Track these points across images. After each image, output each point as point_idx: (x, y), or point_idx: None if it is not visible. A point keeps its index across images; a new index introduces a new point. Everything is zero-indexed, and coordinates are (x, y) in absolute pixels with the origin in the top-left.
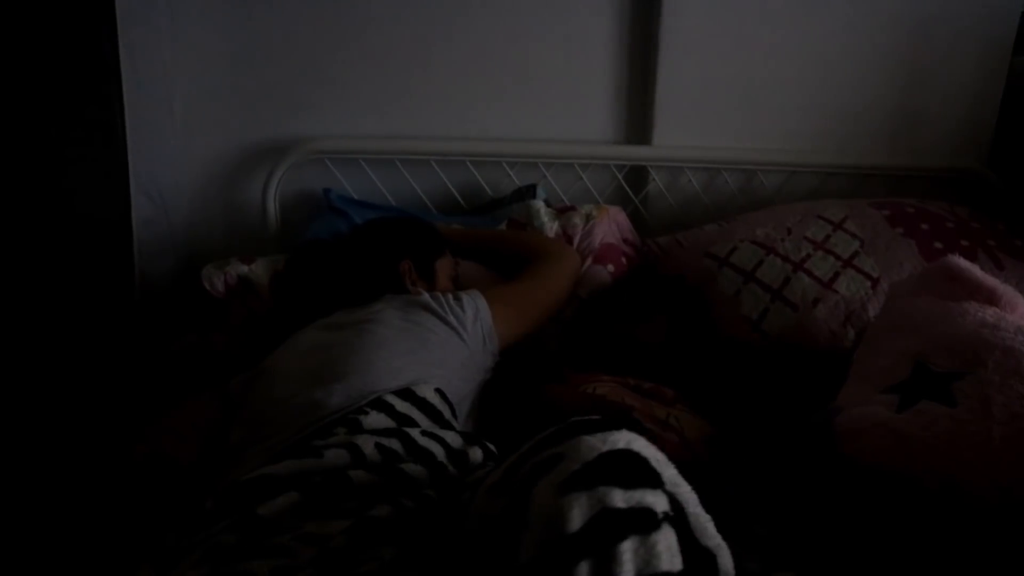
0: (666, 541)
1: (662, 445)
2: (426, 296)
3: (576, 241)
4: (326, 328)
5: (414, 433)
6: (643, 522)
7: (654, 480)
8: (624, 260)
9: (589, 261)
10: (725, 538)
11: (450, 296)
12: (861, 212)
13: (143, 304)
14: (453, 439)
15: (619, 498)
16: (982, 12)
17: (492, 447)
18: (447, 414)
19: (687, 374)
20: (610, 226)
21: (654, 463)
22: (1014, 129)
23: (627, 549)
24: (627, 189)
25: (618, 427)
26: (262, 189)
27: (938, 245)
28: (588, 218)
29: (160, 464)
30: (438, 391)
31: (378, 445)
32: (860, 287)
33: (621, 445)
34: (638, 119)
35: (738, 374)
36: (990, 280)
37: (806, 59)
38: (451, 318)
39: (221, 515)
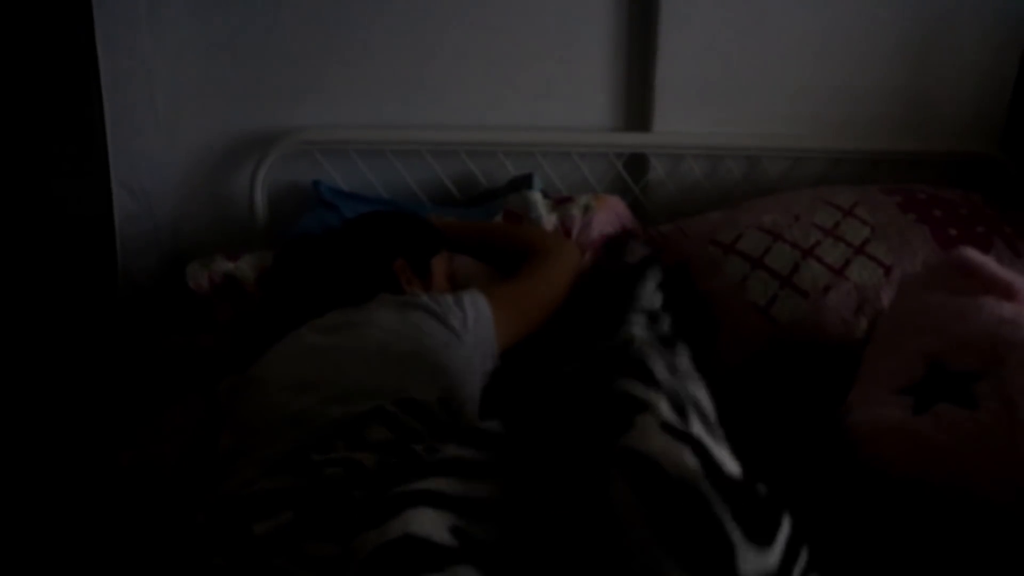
0: None
1: None
2: (424, 297)
3: (575, 233)
4: (319, 331)
5: (418, 449)
6: None
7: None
8: None
9: (588, 254)
10: None
11: (449, 297)
12: (871, 198)
13: (126, 303)
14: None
15: None
16: None
17: None
18: (449, 423)
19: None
20: (609, 216)
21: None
22: None
23: None
24: (627, 178)
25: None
26: (249, 183)
27: (952, 232)
28: (587, 209)
29: (145, 469)
30: (441, 400)
31: (380, 463)
32: (872, 274)
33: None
34: (637, 105)
35: (745, 371)
36: (1006, 273)
37: (811, 40)
38: (451, 320)
39: (214, 530)
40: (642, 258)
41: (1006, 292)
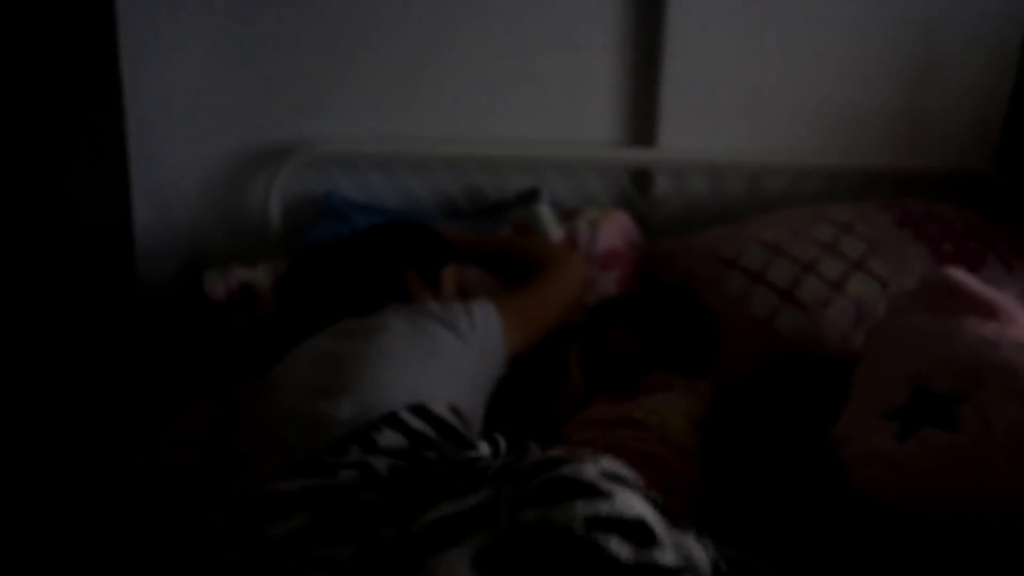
0: None
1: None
2: (435, 306)
3: (581, 246)
4: (333, 337)
5: (431, 457)
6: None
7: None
8: (630, 265)
9: (594, 267)
10: None
11: (459, 305)
12: (869, 214)
13: (145, 309)
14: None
15: None
16: (990, 11)
17: None
18: (462, 430)
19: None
20: (615, 230)
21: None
22: (1021, 130)
23: None
24: (632, 192)
25: None
26: (264, 193)
27: (948, 248)
28: (593, 223)
29: (161, 472)
30: (452, 408)
31: (393, 468)
32: (870, 289)
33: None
34: (643, 121)
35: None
36: (988, 293)
37: (812, 59)
38: (461, 327)
39: (229, 531)
40: None
41: (988, 311)
